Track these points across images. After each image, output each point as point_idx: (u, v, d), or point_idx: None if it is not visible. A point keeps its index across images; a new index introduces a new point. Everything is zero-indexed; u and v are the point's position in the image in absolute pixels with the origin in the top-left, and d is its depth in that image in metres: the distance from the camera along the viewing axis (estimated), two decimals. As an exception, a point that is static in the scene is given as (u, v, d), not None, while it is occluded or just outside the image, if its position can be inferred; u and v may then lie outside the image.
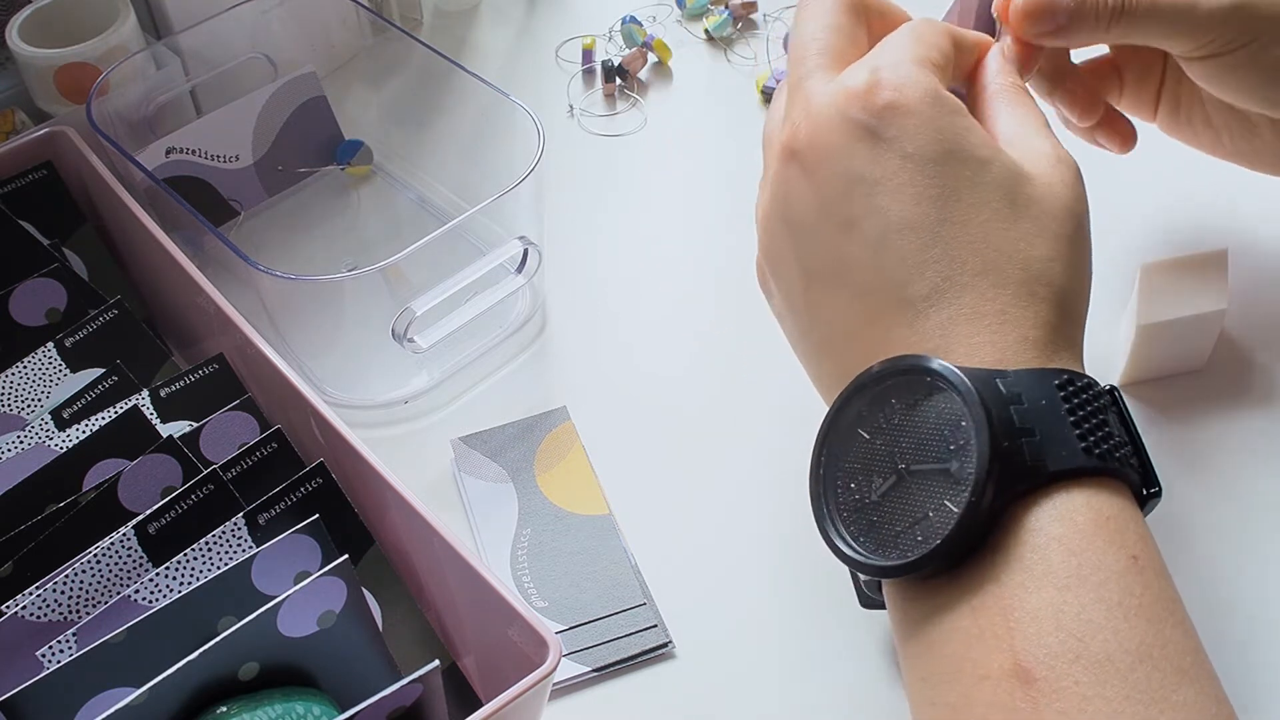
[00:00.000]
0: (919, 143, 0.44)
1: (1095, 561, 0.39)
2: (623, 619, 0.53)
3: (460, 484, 0.59)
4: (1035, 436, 0.40)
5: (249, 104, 0.70)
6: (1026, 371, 0.41)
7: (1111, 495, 0.40)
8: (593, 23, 0.84)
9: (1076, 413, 0.41)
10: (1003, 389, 0.41)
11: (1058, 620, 0.38)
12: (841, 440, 0.44)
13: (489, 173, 0.67)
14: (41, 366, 0.56)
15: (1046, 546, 0.39)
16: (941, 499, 0.41)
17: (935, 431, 0.42)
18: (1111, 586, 0.38)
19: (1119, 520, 0.40)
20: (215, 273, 0.59)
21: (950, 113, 0.45)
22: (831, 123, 0.45)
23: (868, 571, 0.43)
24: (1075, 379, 0.42)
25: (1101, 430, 0.41)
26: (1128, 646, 0.37)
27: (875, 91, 0.45)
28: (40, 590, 0.47)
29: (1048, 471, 0.40)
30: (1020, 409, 0.40)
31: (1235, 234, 0.65)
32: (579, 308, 0.67)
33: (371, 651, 0.47)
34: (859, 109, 0.45)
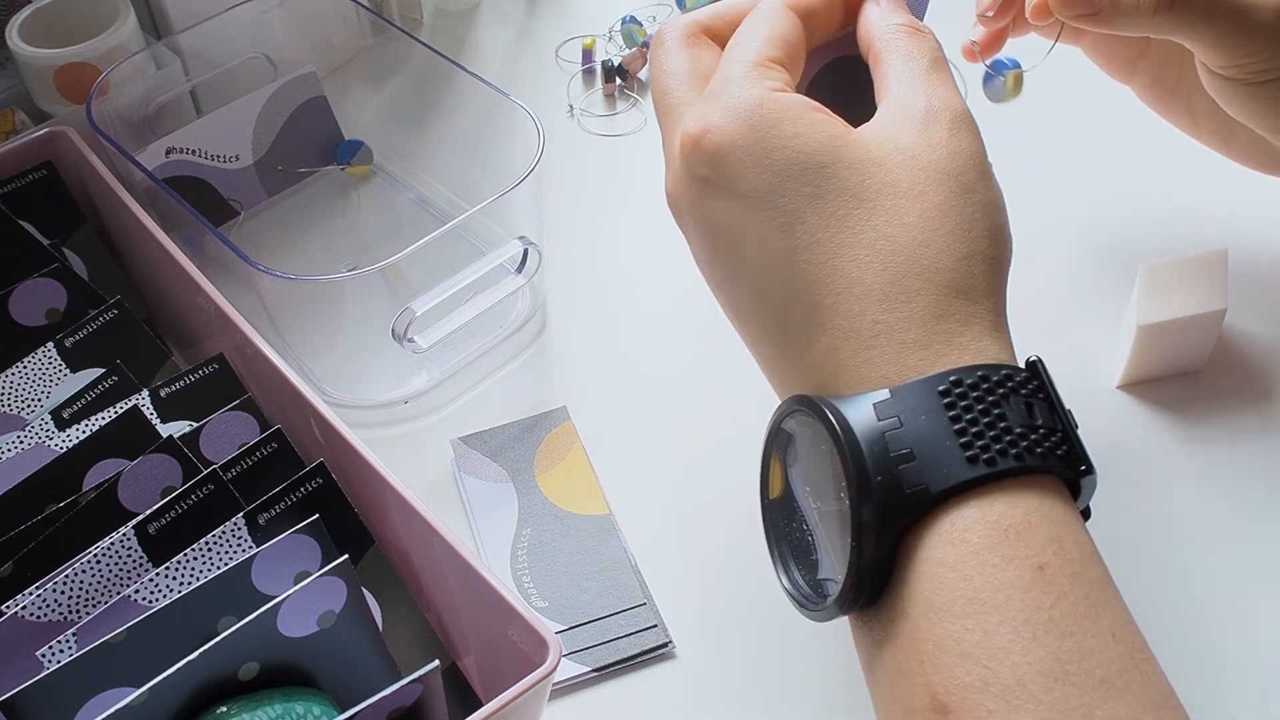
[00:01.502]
0: (749, 179, 0.42)
1: (993, 581, 0.36)
2: (623, 619, 0.53)
3: (460, 484, 0.59)
4: (914, 460, 0.38)
5: (249, 104, 0.70)
6: (907, 386, 0.39)
7: (1016, 497, 0.38)
8: (593, 23, 0.84)
9: (962, 419, 0.38)
10: (877, 416, 0.39)
11: (961, 649, 0.36)
12: (774, 483, 0.44)
13: (489, 173, 0.67)
14: (41, 366, 0.56)
15: (940, 575, 0.37)
16: (845, 538, 0.39)
17: (826, 471, 0.40)
18: (1015, 605, 0.36)
19: (1021, 527, 0.37)
20: (215, 273, 0.59)
21: (772, 127, 0.42)
22: (682, 182, 0.45)
23: (808, 613, 0.42)
24: (965, 376, 0.39)
25: (994, 430, 0.38)
26: (1038, 667, 0.35)
27: (701, 141, 0.43)
28: (40, 590, 0.47)
29: (931, 495, 0.38)
30: (897, 433, 0.38)
31: (1235, 234, 0.65)
32: (579, 308, 0.67)
33: (371, 651, 0.47)
34: (696, 164, 0.43)
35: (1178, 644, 0.51)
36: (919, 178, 0.41)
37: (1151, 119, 0.61)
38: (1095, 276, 0.65)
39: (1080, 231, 0.67)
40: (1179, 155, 0.61)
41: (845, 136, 0.42)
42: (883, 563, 0.38)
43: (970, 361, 0.40)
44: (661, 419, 0.61)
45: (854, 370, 0.40)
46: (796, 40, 0.46)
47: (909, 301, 0.40)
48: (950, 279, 0.40)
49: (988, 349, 0.40)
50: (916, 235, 0.41)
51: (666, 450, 0.60)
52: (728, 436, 0.60)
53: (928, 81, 0.44)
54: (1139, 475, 0.57)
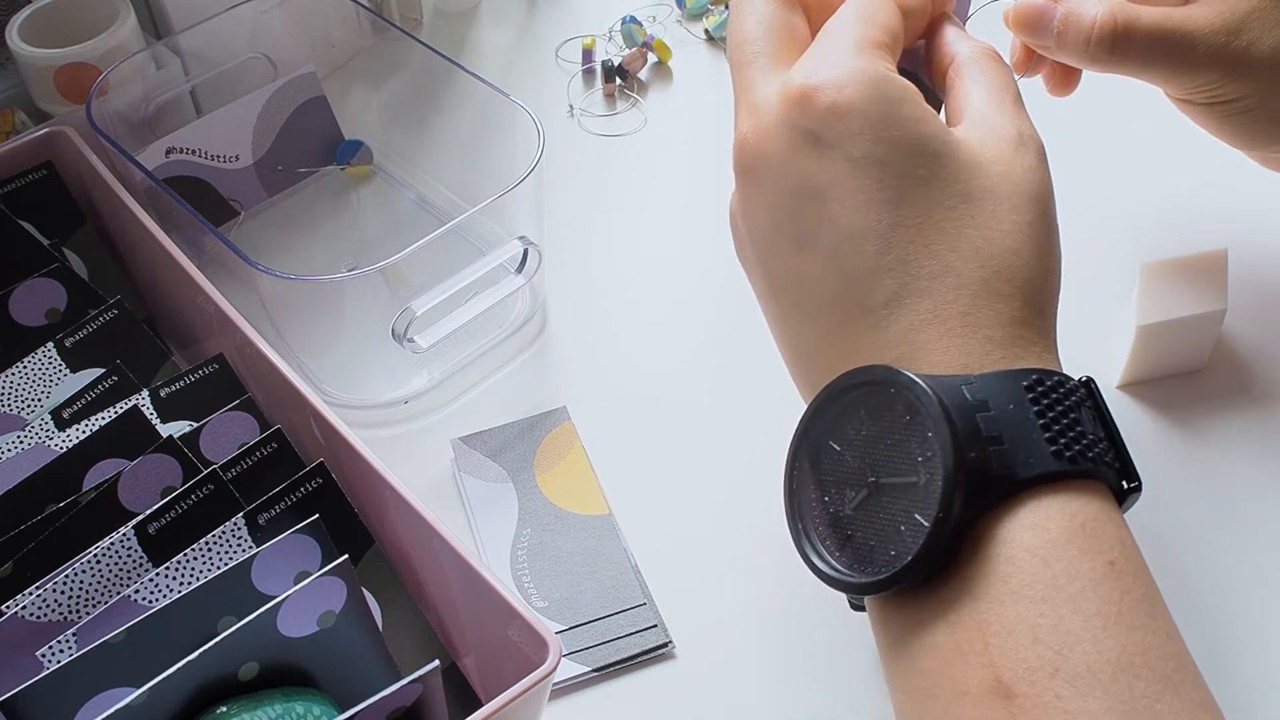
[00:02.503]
0: (865, 144, 0.42)
1: (1071, 570, 0.37)
2: (623, 619, 0.53)
3: (460, 484, 0.59)
4: (1003, 444, 0.39)
5: (249, 104, 0.70)
6: (993, 375, 0.40)
7: (1087, 498, 0.39)
8: (593, 23, 0.84)
9: (1046, 414, 0.39)
10: (968, 396, 0.39)
11: (1035, 634, 0.37)
12: (813, 452, 0.43)
13: (489, 173, 0.67)
14: (41, 366, 0.56)
15: (1020, 558, 0.38)
16: (911, 513, 0.39)
17: (902, 443, 0.40)
18: (1089, 595, 0.37)
19: (1095, 524, 0.39)
20: (215, 273, 0.59)
21: (897, 104, 0.42)
22: (775, 133, 0.43)
23: (843, 588, 0.42)
24: (1045, 378, 0.40)
25: (1073, 430, 0.39)
26: (1108, 656, 0.36)
27: (816, 94, 0.42)
28: (40, 590, 0.47)
29: (1018, 480, 0.38)
30: (987, 416, 0.39)
31: (1235, 234, 0.65)
32: (579, 308, 0.67)
33: (371, 651, 0.47)
34: (800, 115, 0.43)
35: (1178, 644, 0.51)
36: (1014, 192, 0.43)
37: (1151, 119, 0.61)
38: (1095, 276, 0.65)
39: (1080, 231, 0.67)
40: (1179, 155, 0.61)
41: (953, 132, 0.43)
42: (955, 541, 0.39)
43: (1046, 365, 0.42)
44: (661, 419, 0.61)
45: (933, 354, 0.41)
46: (898, 32, 0.46)
47: (998, 302, 0.41)
48: (1033, 293, 0.42)
49: (1052, 362, 0.42)
50: (1011, 244, 0.42)
51: (666, 450, 0.60)
52: (728, 436, 0.60)
53: (1015, 111, 0.45)
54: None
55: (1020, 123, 0.45)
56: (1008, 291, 0.42)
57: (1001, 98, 0.45)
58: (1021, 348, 0.41)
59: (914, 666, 0.40)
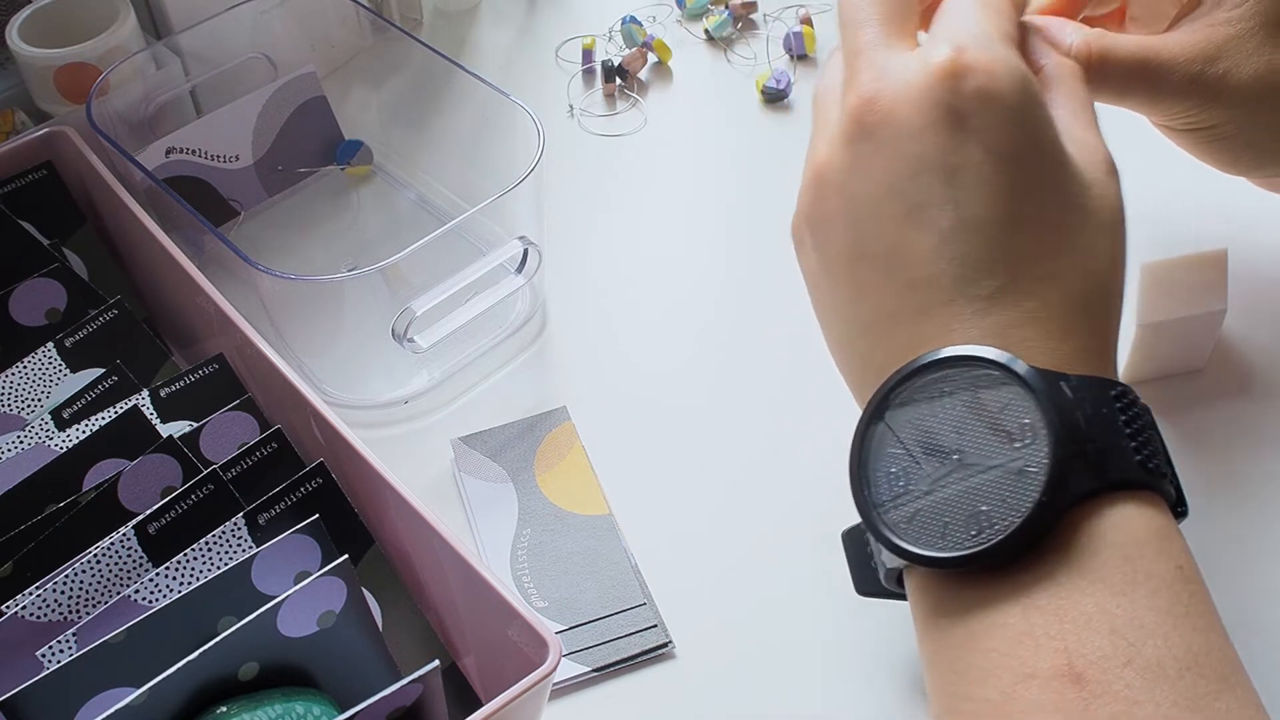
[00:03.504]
0: (1005, 136, 0.42)
1: (1148, 569, 0.39)
2: (623, 619, 0.53)
3: (460, 484, 0.59)
4: (1097, 443, 0.40)
5: (249, 104, 0.70)
6: (1087, 379, 0.41)
7: (1157, 509, 0.40)
8: (593, 23, 0.84)
9: (1131, 425, 0.41)
10: (1069, 393, 0.40)
11: (1111, 624, 0.38)
12: (888, 424, 0.42)
13: (489, 173, 0.67)
14: (41, 366, 0.56)
15: (1104, 552, 0.39)
16: (1001, 494, 0.40)
17: (996, 425, 0.40)
18: (1162, 594, 0.38)
19: (1165, 531, 0.40)
20: (215, 273, 0.59)
21: (1037, 103, 0.43)
22: (915, 102, 0.42)
23: (919, 562, 0.41)
24: (1127, 392, 0.41)
25: (1151, 445, 0.41)
26: (1176, 653, 0.37)
27: (966, 74, 0.42)
28: (40, 590, 0.47)
29: (1109, 479, 0.40)
30: (1085, 414, 0.40)
31: (1235, 234, 0.65)
32: (579, 308, 0.67)
33: (371, 651, 0.47)
34: (947, 91, 0.42)
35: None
36: (1109, 217, 0.44)
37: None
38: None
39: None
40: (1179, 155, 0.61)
41: (1062, 141, 0.44)
42: (1049, 526, 0.39)
43: (1114, 376, 0.43)
44: (661, 419, 0.61)
45: (1032, 350, 0.41)
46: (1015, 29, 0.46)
47: (1095, 317, 0.43)
48: (1116, 317, 0.44)
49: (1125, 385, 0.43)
50: (1105, 265, 0.44)
51: (666, 450, 0.60)
52: (728, 436, 0.60)
53: (1099, 133, 0.46)
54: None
55: (1105, 145, 0.45)
56: (1101, 310, 0.43)
57: (1090, 119, 0.46)
58: (1105, 362, 0.43)
59: (972, 645, 0.40)
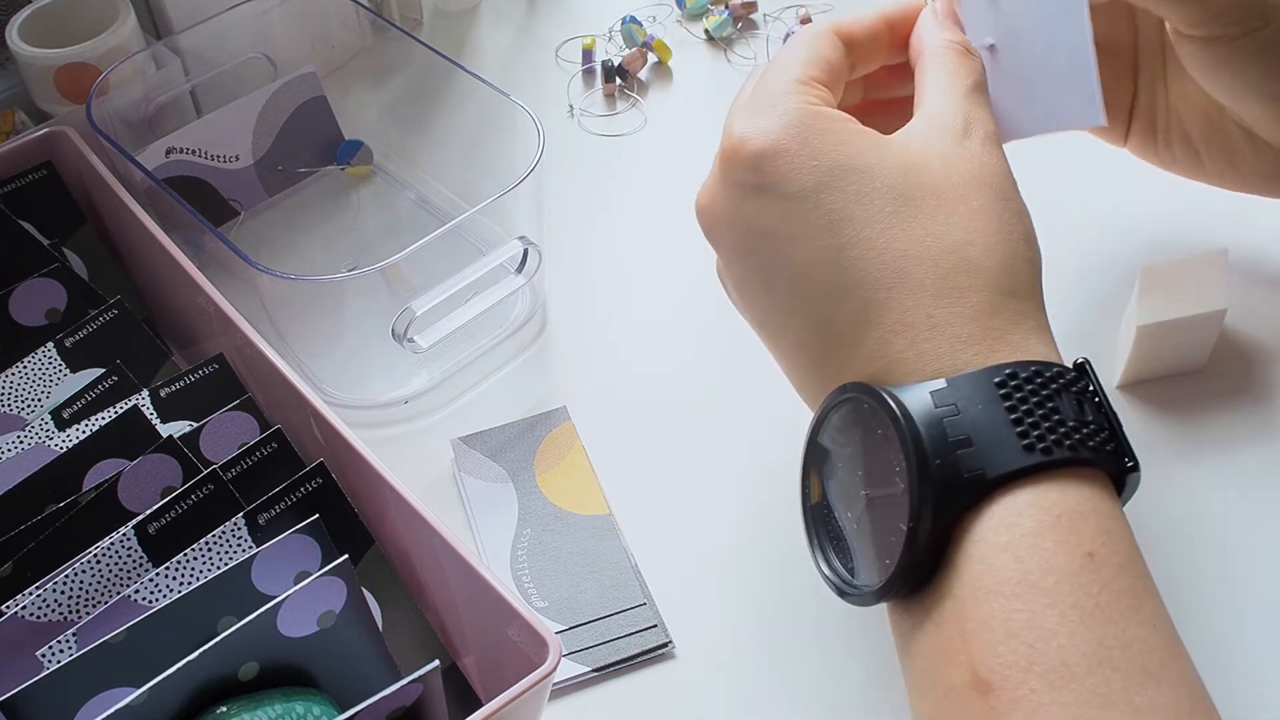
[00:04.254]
0: (796, 179, 0.44)
1: (1044, 565, 0.38)
2: (623, 619, 0.53)
3: (460, 484, 0.59)
4: (972, 445, 0.39)
5: (249, 104, 0.70)
6: (963, 377, 0.40)
7: (1068, 487, 0.39)
8: (593, 23, 0.84)
9: (1019, 408, 0.39)
10: (934, 402, 0.40)
11: (1008, 629, 0.37)
12: (817, 466, 0.45)
13: (489, 173, 0.67)
14: (41, 366, 0.56)
15: (992, 556, 0.38)
16: (896, 523, 0.40)
17: (883, 456, 0.41)
18: (1064, 589, 0.37)
19: (1073, 516, 0.39)
20: (215, 273, 0.59)
21: (821, 133, 0.44)
22: (718, 190, 0.46)
23: (848, 598, 0.43)
24: (1019, 370, 0.40)
25: (1049, 420, 0.39)
26: (1084, 650, 0.36)
27: (743, 145, 0.45)
28: (40, 590, 0.47)
29: (988, 480, 0.39)
30: (954, 420, 0.39)
31: (1235, 234, 0.65)
32: (579, 308, 0.67)
33: (371, 651, 0.47)
34: (734, 168, 0.45)
35: (1178, 644, 0.51)
36: (958, 182, 0.43)
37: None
38: (1095, 276, 0.65)
39: (1080, 232, 0.67)
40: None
41: (885, 141, 0.44)
42: (935, 546, 0.39)
43: (1021, 358, 0.41)
44: (661, 419, 0.61)
45: (907, 363, 0.42)
46: (839, 63, 0.47)
47: (961, 297, 0.42)
48: (998, 278, 0.42)
49: (1036, 348, 0.42)
50: (962, 235, 0.42)
51: (666, 450, 0.60)
52: (728, 436, 0.60)
53: (967, 99, 0.46)
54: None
55: (969, 109, 0.45)
56: (969, 284, 0.42)
57: (953, 87, 0.46)
58: (995, 339, 0.41)
59: (911, 665, 0.41)
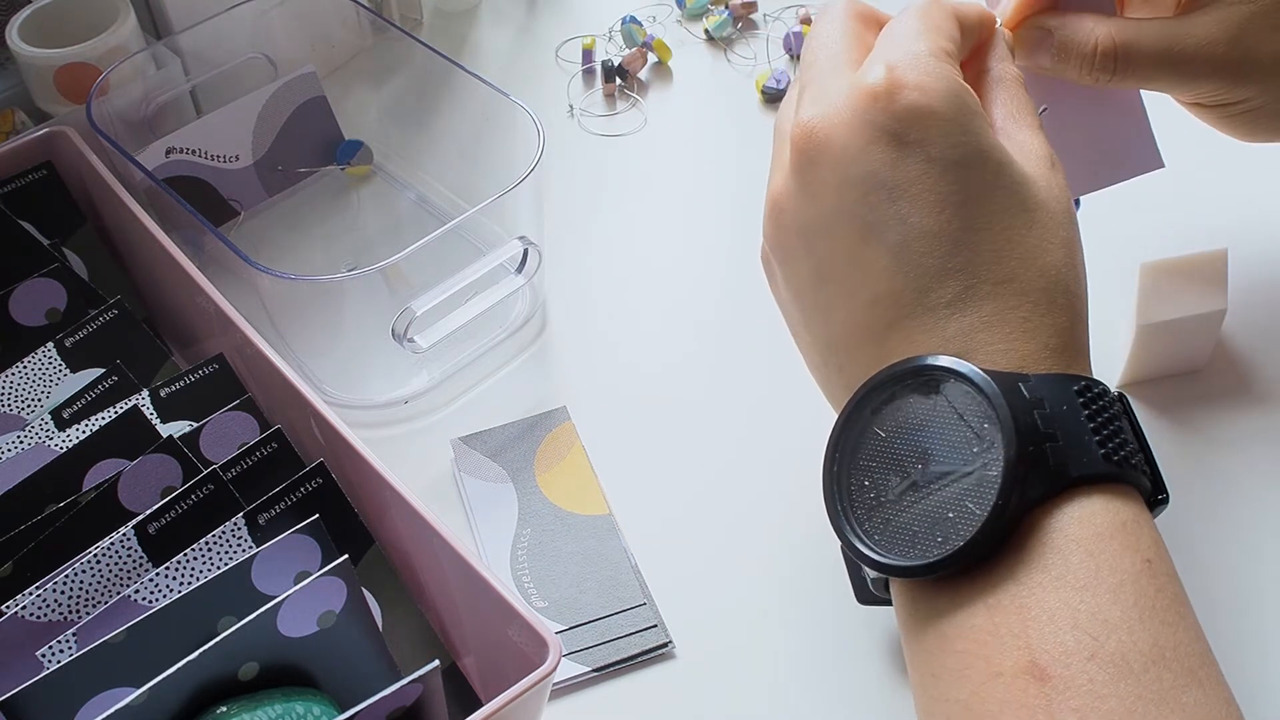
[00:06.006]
0: (943, 147, 0.43)
1: (1112, 564, 0.39)
2: (623, 619, 0.53)
3: (460, 484, 0.59)
4: (1058, 441, 0.40)
5: (249, 104, 0.70)
6: (1048, 377, 0.41)
7: (1126, 501, 0.41)
8: (593, 23, 0.84)
9: (1096, 419, 0.41)
10: (1026, 393, 0.41)
11: (1074, 619, 0.38)
12: (857, 437, 0.44)
13: (489, 173, 0.67)
14: (41, 366, 0.56)
15: (1066, 548, 0.39)
16: (963, 500, 0.40)
17: (956, 432, 0.41)
18: (1127, 589, 0.39)
19: (1134, 525, 0.40)
20: (215, 273, 0.59)
21: (972, 113, 0.44)
22: (850, 125, 0.44)
23: (887, 571, 0.42)
24: (1092, 385, 0.42)
25: (1118, 437, 0.41)
26: (1141, 648, 0.37)
27: (897, 92, 0.43)
28: (40, 590, 0.47)
29: (1070, 476, 0.40)
30: (1043, 413, 0.40)
31: (1235, 234, 0.65)
32: (579, 308, 0.67)
33: (371, 651, 0.47)
34: (880, 111, 0.43)
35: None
36: (1057, 209, 0.45)
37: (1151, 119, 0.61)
38: (1095, 276, 0.64)
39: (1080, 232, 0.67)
40: (1179, 155, 0.61)
41: (1005, 146, 0.45)
42: (1008, 528, 0.40)
43: (1085, 371, 0.43)
44: (662, 419, 0.61)
45: (994, 354, 0.42)
46: (959, 48, 0.47)
47: (1057, 313, 0.43)
48: (1080, 308, 0.45)
49: (1091, 376, 0.43)
50: (1063, 257, 0.44)
51: (666, 450, 0.60)
52: (728, 436, 0.60)
53: (1040, 132, 0.47)
54: (1139, 475, 0.57)
55: (1046, 143, 0.46)
56: (1063, 303, 0.44)
57: (1026, 119, 0.47)
58: (1070, 357, 0.43)
59: (946, 647, 0.41)
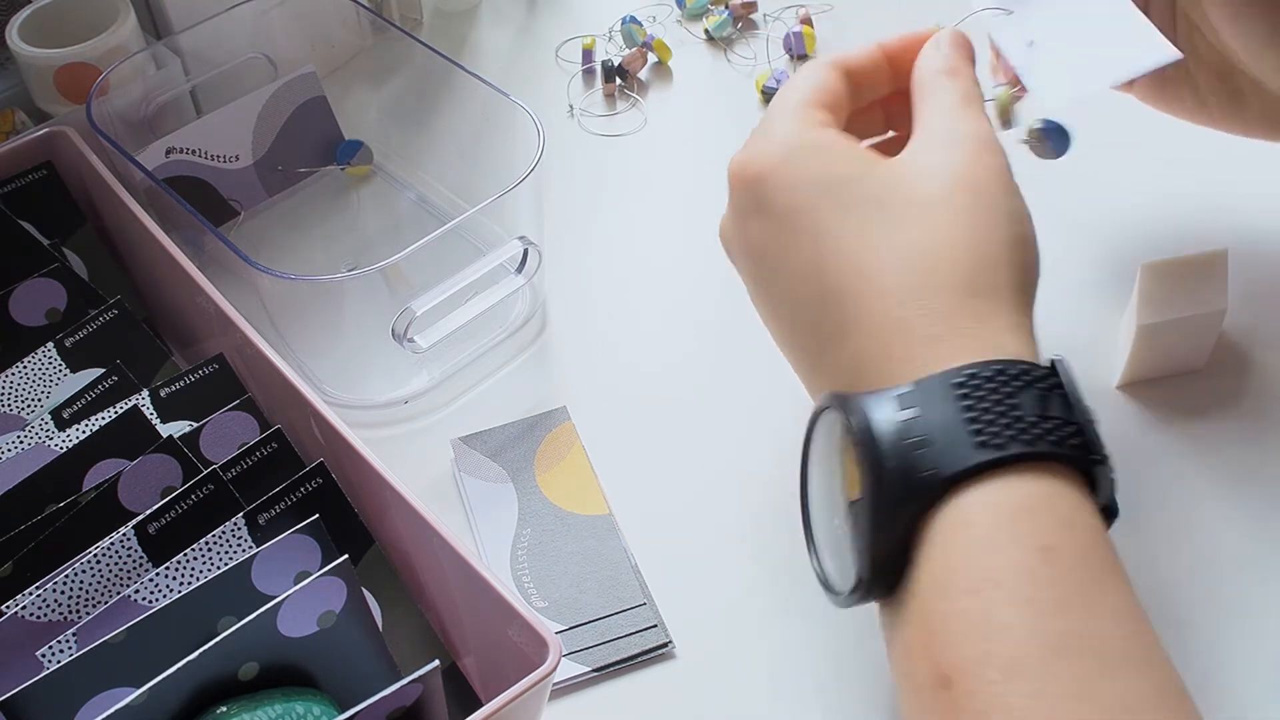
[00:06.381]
0: (784, 199, 0.46)
1: (999, 561, 0.38)
2: (623, 619, 0.53)
3: (460, 484, 0.59)
4: (928, 446, 0.40)
5: (249, 104, 0.70)
6: (928, 379, 0.41)
7: (1026, 481, 0.39)
8: (593, 23, 0.84)
9: (977, 407, 0.40)
10: (899, 406, 0.41)
11: (966, 623, 0.38)
12: (806, 472, 0.46)
13: (489, 173, 0.67)
14: (41, 366, 0.56)
15: (948, 555, 0.39)
16: (856, 532, 0.42)
17: (853, 462, 0.42)
18: (1018, 583, 0.38)
19: (1030, 509, 0.39)
20: (215, 273, 0.59)
21: (812, 148, 0.47)
22: (727, 215, 0.50)
23: (832, 600, 0.45)
24: (983, 369, 0.41)
25: (1006, 418, 0.40)
26: (1040, 642, 0.37)
27: (743, 169, 0.48)
28: (40, 590, 0.47)
29: (941, 478, 0.39)
30: (914, 421, 0.40)
31: (1235, 234, 0.65)
32: (579, 308, 0.67)
33: (371, 651, 0.47)
34: (737, 192, 0.49)
35: (1178, 642, 0.51)
36: (938, 188, 0.45)
37: (1149, 119, 0.61)
38: (1095, 276, 0.65)
39: (1080, 231, 0.67)
40: (1180, 154, 0.61)
41: (876, 158, 0.46)
42: (896, 548, 0.40)
43: (989, 356, 0.42)
44: (661, 419, 0.61)
45: (879, 368, 0.43)
46: (839, 89, 0.50)
47: (930, 299, 0.43)
48: (969, 279, 0.43)
49: (1007, 345, 0.42)
50: (939, 238, 0.44)
51: (666, 450, 0.60)
52: (728, 436, 0.60)
53: (957, 112, 0.47)
54: (1139, 475, 0.57)
55: (959, 122, 0.47)
56: (940, 284, 0.43)
57: (944, 104, 0.48)
58: (964, 337, 0.42)
59: (892, 664, 0.42)
